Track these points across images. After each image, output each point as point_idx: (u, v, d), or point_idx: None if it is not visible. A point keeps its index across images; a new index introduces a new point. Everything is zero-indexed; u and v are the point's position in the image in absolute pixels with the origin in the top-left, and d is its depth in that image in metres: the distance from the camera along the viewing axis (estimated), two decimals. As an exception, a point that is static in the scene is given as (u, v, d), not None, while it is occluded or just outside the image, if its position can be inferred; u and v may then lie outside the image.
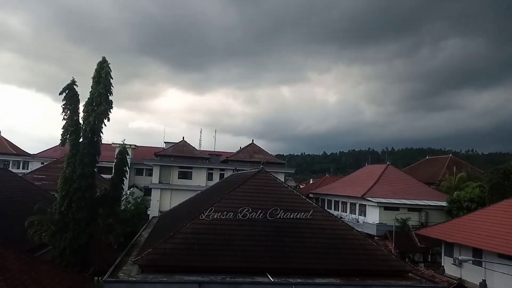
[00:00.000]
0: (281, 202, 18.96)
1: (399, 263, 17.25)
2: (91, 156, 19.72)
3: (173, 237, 16.20)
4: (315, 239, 17.19)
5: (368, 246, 17.41)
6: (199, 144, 66.97)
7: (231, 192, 19.46)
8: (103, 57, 20.32)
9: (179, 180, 47.73)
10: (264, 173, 21.81)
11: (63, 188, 19.30)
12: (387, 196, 42.41)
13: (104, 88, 19.76)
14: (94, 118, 19.39)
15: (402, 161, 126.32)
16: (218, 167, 49.51)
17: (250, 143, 56.35)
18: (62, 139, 20.19)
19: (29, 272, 13.31)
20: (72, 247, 18.78)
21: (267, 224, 17.55)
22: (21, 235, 19.51)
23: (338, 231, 17.99)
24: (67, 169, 19.59)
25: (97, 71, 20.08)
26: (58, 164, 41.10)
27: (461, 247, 27.88)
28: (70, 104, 20.09)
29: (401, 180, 47.72)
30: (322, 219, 18.53)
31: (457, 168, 47.56)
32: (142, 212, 42.98)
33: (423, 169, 61.46)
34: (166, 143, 55.81)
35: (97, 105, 19.72)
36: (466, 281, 26.97)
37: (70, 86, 20.20)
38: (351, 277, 15.91)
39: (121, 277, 14.61)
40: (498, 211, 27.71)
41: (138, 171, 56.59)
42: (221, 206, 18.04)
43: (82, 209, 18.93)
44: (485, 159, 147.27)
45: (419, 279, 16.88)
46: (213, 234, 16.58)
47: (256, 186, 20.22)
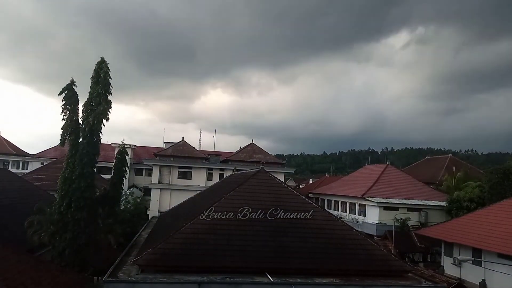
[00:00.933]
0: (280, 202, 18.96)
1: (399, 263, 17.25)
2: (90, 156, 19.72)
3: (172, 237, 16.20)
4: (315, 239, 17.19)
5: (368, 246, 17.41)
6: (199, 144, 66.92)
7: (231, 192, 19.45)
8: (102, 58, 20.33)
9: (179, 180, 47.70)
10: (264, 173, 21.81)
11: (63, 188, 19.30)
12: (387, 196, 42.39)
13: (103, 88, 19.77)
14: (93, 118, 19.40)
15: (401, 161, 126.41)
16: (218, 167, 49.50)
17: (249, 143, 56.36)
18: (62, 139, 20.20)
19: (28, 272, 13.31)
20: (71, 247, 18.77)
21: (267, 224, 17.55)
22: (21, 235, 19.51)
23: (338, 231, 18.00)
24: (67, 169, 19.59)
25: (95, 71, 20.08)
26: (57, 164, 41.07)
27: (460, 247, 27.87)
28: (69, 104, 20.11)
29: (400, 180, 47.69)
30: (321, 219, 18.54)
31: (457, 168, 47.52)
32: (141, 212, 42.95)
33: (423, 169, 61.42)
34: (165, 143, 55.77)
35: (96, 105, 19.73)
36: (466, 281, 26.96)
37: (69, 86, 20.21)
38: (351, 277, 15.91)
39: (120, 277, 14.61)
40: (497, 211, 27.71)
41: (138, 171, 56.56)
42: (221, 206, 18.05)
43: (82, 209, 18.93)
44: (485, 159, 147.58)
45: (419, 279, 16.89)
46: (213, 234, 16.58)
47: (256, 186, 20.21)
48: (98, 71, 19.96)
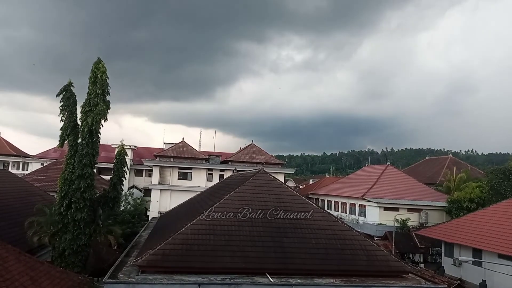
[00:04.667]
0: (281, 202, 18.97)
1: (399, 264, 17.24)
2: (90, 157, 19.67)
3: (173, 238, 16.19)
4: (315, 240, 17.19)
5: (368, 247, 17.40)
6: (199, 144, 66.95)
7: (231, 193, 19.45)
8: (98, 58, 20.23)
9: (179, 181, 47.71)
10: (264, 173, 21.81)
11: (63, 189, 19.27)
12: (387, 197, 42.36)
13: (101, 88, 19.70)
14: (92, 119, 19.34)
15: (402, 161, 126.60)
16: (218, 168, 49.50)
17: (250, 143, 56.33)
18: (61, 140, 20.16)
19: (28, 273, 13.28)
20: (71, 248, 18.73)
21: (267, 225, 17.55)
22: (21, 236, 19.49)
23: (338, 232, 17.99)
24: (66, 170, 19.55)
25: (92, 71, 20.00)
26: (57, 165, 41.10)
27: (461, 248, 27.84)
28: (67, 105, 20.06)
29: (401, 180, 47.66)
30: (321, 219, 18.53)
31: (457, 169, 47.49)
32: (141, 213, 42.94)
33: (423, 170, 61.43)
34: (166, 143, 55.76)
35: (94, 105, 19.66)
36: (466, 282, 26.94)
37: (67, 88, 20.16)
38: (351, 277, 15.92)
39: (121, 278, 14.61)
40: (498, 212, 27.69)
41: (138, 172, 56.57)
42: (221, 207, 18.06)
43: (82, 210, 18.89)
44: (485, 159, 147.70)
45: (419, 280, 16.89)
46: (213, 235, 16.58)
47: (256, 187, 20.22)
48: (95, 71, 19.89)
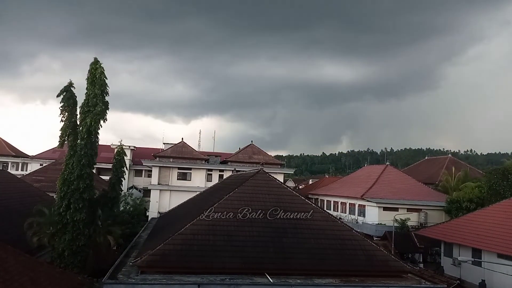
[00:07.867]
0: (280, 202, 18.97)
1: (398, 264, 17.25)
2: (89, 157, 19.66)
3: (172, 239, 16.19)
4: (315, 240, 17.19)
5: (368, 247, 17.41)
6: (198, 145, 66.91)
7: (231, 193, 19.45)
8: (95, 58, 20.21)
9: (178, 181, 47.65)
10: (263, 173, 21.81)
11: (62, 190, 19.26)
12: (387, 197, 42.38)
13: (100, 88, 19.69)
14: (91, 119, 19.34)
15: (401, 161, 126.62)
16: (217, 168, 49.47)
17: (249, 144, 56.25)
18: (61, 141, 20.17)
19: (28, 274, 13.26)
20: (71, 249, 18.73)
21: (266, 225, 17.55)
22: (20, 236, 19.46)
23: (338, 232, 17.99)
24: (66, 170, 19.54)
25: (90, 72, 19.99)
26: (57, 165, 40.98)
27: (460, 247, 27.86)
28: (67, 106, 20.06)
29: (400, 180, 47.67)
30: (321, 219, 18.54)
31: (456, 169, 47.54)
32: (141, 213, 42.91)
33: (422, 170, 61.44)
34: (165, 144, 55.71)
35: (93, 106, 19.64)
36: (466, 281, 26.95)
37: (67, 88, 20.16)
38: (351, 277, 15.92)
39: (120, 279, 14.60)
40: (497, 211, 27.72)
41: (137, 172, 56.56)
42: (221, 207, 18.05)
43: (81, 210, 18.88)
44: (484, 159, 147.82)
45: (419, 280, 16.90)
46: (213, 235, 16.58)
47: (255, 187, 20.23)
48: (93, 71, 19.86)
